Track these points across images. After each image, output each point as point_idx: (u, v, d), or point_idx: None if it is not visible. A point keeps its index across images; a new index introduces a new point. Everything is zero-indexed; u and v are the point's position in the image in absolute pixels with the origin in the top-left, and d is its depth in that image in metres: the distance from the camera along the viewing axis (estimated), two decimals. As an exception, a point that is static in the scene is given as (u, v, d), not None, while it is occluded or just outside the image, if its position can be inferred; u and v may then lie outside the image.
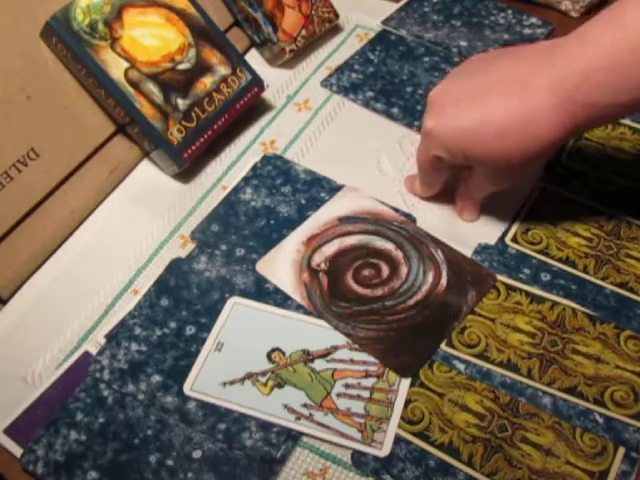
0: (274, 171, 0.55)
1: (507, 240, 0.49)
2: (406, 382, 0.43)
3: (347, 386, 0.43)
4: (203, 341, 0.45)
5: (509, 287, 0.47)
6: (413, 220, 0.51)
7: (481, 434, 0.40)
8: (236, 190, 0.54)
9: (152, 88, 0.53)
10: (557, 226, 0.50)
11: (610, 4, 0.38)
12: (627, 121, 0.56)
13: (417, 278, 0.47)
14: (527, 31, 0.65)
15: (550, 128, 0.40)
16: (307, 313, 0.46)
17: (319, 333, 0.45)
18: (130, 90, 0.52)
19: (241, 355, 0.44)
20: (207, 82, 0.55)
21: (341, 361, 0.44)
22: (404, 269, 0.48)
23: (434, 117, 0.44)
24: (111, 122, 0.55)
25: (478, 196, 0.49)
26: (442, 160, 0.46)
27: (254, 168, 0.55)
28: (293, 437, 0.41)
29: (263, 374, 0.43)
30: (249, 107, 0.58)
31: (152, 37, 0.54)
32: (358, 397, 0.42)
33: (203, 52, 0.56)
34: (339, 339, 0.45)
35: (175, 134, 0.53)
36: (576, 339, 0.44)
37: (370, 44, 0.65)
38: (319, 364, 0.44)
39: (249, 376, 0.43)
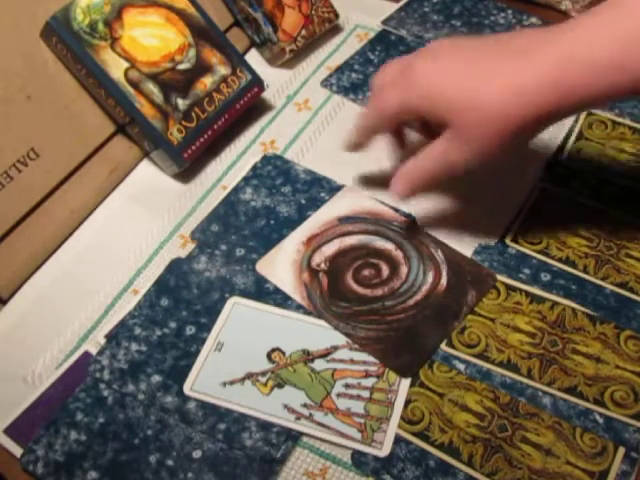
0: (274, 171, 0.55)
1: (507, 240, 0.49)
2: (406, 382, 0.43)
3: (347, 386, 0.43)
4: (203, 341, 0.45)
5: (509, 287, 0.47)
6: (413, 220, 0.51)
7: (481, 434, 0.40)
8: (236, 190, 0.54)
9: (152, 88, 0.53)
10: (557, 226, 0.50)
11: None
12: (627, 121, 0.56)
13: (417, 278, 0.47)
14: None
15: (537, 105, 0.39)
16: (307, 313, 0.46)
17: (319, 333, 0.45)
18: (130, 90, 0.52)
19: (241, 355, 0.44)
20: (207, 82, 0.55)
21: (341, 361, 0.44)
22: (404, 269, 0.48)
23: (425, 60, 0.42)
24: (111, 122, 0.55)
25: (429, 167, 0.44)
26: (404, 112, 0.43)
27: (254, 168, 0.55)
28: (293, 437, 0.41)
29: (263, 374, 0.43)
30: (249, 107, 0.58)
31: (152, 37, 0.54)
32: (358, 397, 0.42)
33: (203, 52, 0.56)
34: (339, 339, 0.45)
35: (175, 134, 0.53)
36: (576, 339, 0.44)
37: (370, 44, 0.65)
38: (319, 364, 0.44)
39: (249, 376, 0.43)
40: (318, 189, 0.53)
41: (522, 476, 0.39)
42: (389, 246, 0.49)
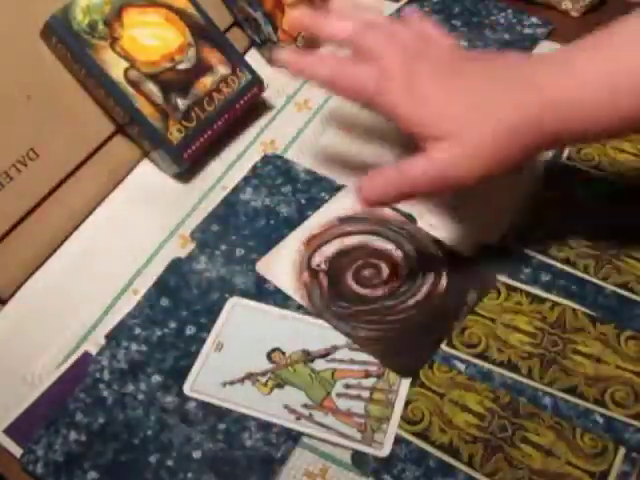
0: (274, 171, 0.55)
1: (507, 240, 0.49)
2: (406, 382, 0.43)
3: (347, 386, 0.43)
4: (203, 341, 0.45)
5: (509, 287, 0.47)
6: (413, 220, 0.51)
7: (481, 434, 0.40)
8: (236, 190, 0.54)
9: (152, 88, 0.53)
10: (557, 226, 0.50)
11: (610, 5, 0.38)
12: (627, 121, 0.56)
13: (417, 278, 0.47)
14: (527, 31, 0.65)
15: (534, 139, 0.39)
16: (307, 313, 0.46)
17: (319, 333, 0.45)
18: (130, 90, 0.52)
19: (241, 355, 0.44)
20: (207, 82, 0.55)
21: (341, 361, 0.44)
22: (404, 269, 0.48)
23: (427, 67, 0.40)
24: (111, 122, 0.55)
25: (417, 177, 0.40)
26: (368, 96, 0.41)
27: (254, 168, 0.55)
28: (293, 437, 0.41)
29: (263, 374, 0.43)
30: (249, 107, 0.58)
31: (152, 37, 0.54)
32: (358, 397, 0.42)
33: (203, 52, 0.56)
34: (339, 339, 0.45)
35: (175, 134, 0.53)
36: (577, 339, 0.44)
37: (370, 44, 0.65)
38: (319, 364, 0.44)
39: (249, 376, 0.43)
40: (318, 189, 0.53)
41: (522, 476, 0.39)
42: (389, 246, 0.49)
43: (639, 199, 0.51)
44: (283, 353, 0.44)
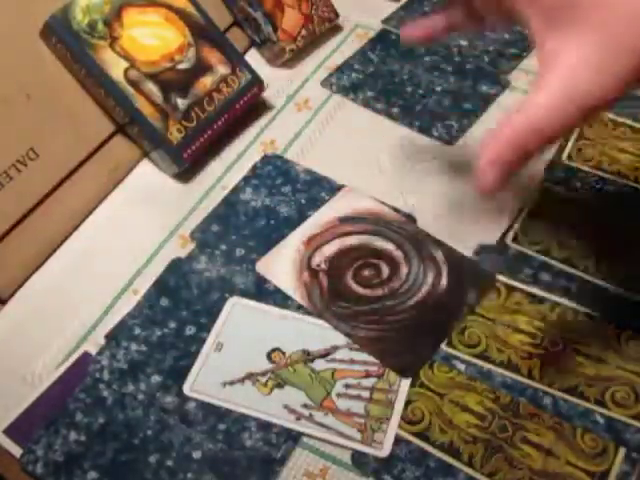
0: (274, 171, 0.55)
1: (507, 240, 0.49)
2: (406, 382, 0.43)
3: (347, 386, 0.43)
4: (203, 341, 0.45)
5: (509, 287, 0.47)
6: (413, 220, 0.51)
7: (481, 434, 0.40)
8: (236, 190, 0.54)
9: (152, 88, 0.53)
10: (557, 226, 0.50)
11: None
12: (627, 120, 0.56)
13: (417, 278, 0.47)
14: (527, 31, 0.65)
15: None
16: (307, 313, 0.46)
17: (319, 333, 0.45)
18: (130, 90, 0.52)
19: (241, 355, 0.44)
20: (207, 82, 0.55)
21: (341, 361, 0.44)
22: (404, 269, 0.48)
23: None
24: (111, 122, 0.55)
25: (544, 116, 0.29)
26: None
27: (254, 168, 0.55)
28: (293, 437, 0.41)
29: (263, 374, 0.43)
30: (249, 107, 0.58)
31: (152, 37, 0.54)
32: (358, 397, 0.42)
33: (203, 52, 0.56)
34: (339, 339, 0.45)
35: (175, 134, 0.53)
36: (578, 339, 0.44)
37: (370, 44, 0.65)
38: (319, 364, 0.44)
39: (249, 376, 0.43)
40: (318, 189, 0.53)
41: (522, 476, 0.39)
42: (389, 246, 0.49)
43: (639, 199, 0.51)
44: (283, 353, 0.44)
